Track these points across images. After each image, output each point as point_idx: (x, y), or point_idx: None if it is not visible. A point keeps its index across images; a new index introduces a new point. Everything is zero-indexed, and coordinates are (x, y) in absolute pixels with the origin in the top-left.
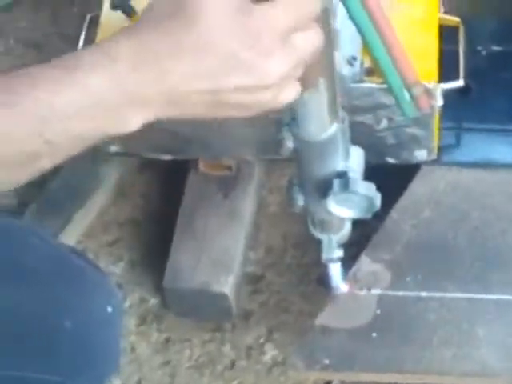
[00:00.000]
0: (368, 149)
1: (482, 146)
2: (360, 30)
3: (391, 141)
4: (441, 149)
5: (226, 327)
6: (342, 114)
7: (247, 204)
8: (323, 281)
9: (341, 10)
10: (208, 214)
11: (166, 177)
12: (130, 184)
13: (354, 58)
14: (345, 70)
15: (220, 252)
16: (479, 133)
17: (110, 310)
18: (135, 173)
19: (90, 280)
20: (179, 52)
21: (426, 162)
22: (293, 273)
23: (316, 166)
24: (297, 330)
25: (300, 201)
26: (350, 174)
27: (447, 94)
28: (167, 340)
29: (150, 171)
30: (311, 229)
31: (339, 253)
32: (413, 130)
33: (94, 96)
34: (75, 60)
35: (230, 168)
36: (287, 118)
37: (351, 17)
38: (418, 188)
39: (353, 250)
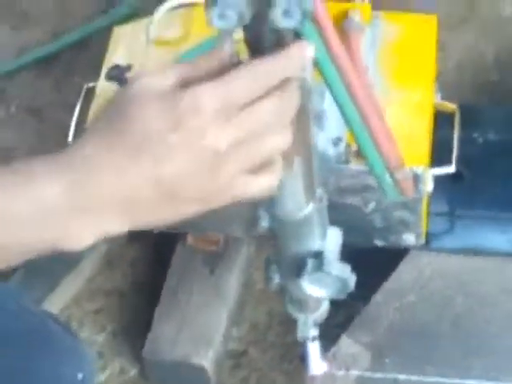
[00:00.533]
0: (356, 231)
1: (472, 233)
2: (342, 111)
3: (379, 223)
4: (430, 234)
5: None
6: (319, 193)
7: (232, 281)
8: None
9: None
10: (192, 288)
11: (154, 248)
12: (118, 253)
13: (339, 139)
14: (329, 151)
15: (202, 326)
16: (470, 220)
17: (80, 376)
18: (124, 243)
19: (62, 346)
20: (116, 159)
21: (414, 247)
22: (276, 350)
23: (291, 245)
24: None
25: (276, 279)
26: (325, 254)
27: (440, 180)
28: None
29: (138, 242)
30: (288, 307)
31: (314, 332)
32: (401, 214)
33: (44, 206)
34: (30, 167)
35: (217, 243)
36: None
37: (333, 97)
38: (404, 272)
39: (337, 330)
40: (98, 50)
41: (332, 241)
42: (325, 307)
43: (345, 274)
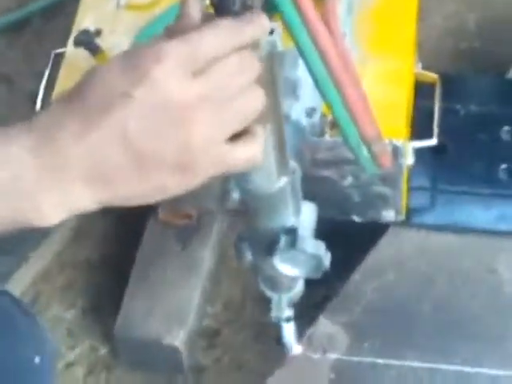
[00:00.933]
0: (333, 205)
1: (454, 209)
2: (314, 79)
3: (357, 198)
4: (410, 209)
5: (177, 381)
6: (292, 165)
7: (206, 257)
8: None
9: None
10: (165, 264)
11: (124, 221)
12: (88, 226)
13: (314, 109)
14: (303, 121)
15: (174, 304)
16: (452, 195)
17: (37, 360)
18: (94, 215)
19: (18, 328)
20: (77, 121)
21: (394, 223)
22: (250, 330)
23: (263, 221)
24: None
25: (248, 256)
26: (299, 231)
27: (421, 153)
28: None
29: (108, 215)
30: (261, 286)
31: (289, 312)
32: (380, 189)
33: (9, 176)
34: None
35: (190, 217)
36: None
37: (306, 65)
38: (383, 249)
39: (313, 310)
40: (71, 16)
41: (306, 216)
42: (300, 286)
43: (319, 251)
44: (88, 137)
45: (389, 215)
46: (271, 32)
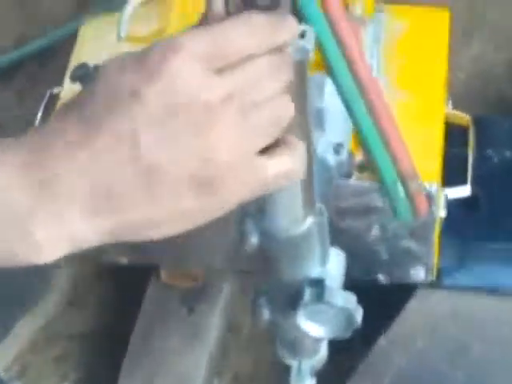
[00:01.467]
0: (356, 262)
1: (488, 268)
2: (347, 106)
3: (383, 254)
4: (441, 269)
5: None
6: (319, 206)
7: (214, 322)
8: None
9: (329, 86)
10: (168, 330)
11: (124, 287)
12: (83, 292)
13: (341, 145)
14: (330, 158)
15: (178, 375)
16: (486, 253)
17: None
18: (90, 280)
19: None
20: (72, 131)
21: (422, 284)
22: None
23: (285, 270)
24: None
25: (266, 314)
26: (327, 282)
27: (451, 207)
28: None
29: (107, 279)
30: (279, 350)
31: (311, 382)
32: (409, 243)
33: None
34: None
35: (196, 279)
36: (252, 207)
37: (339, 91)
38: (412, 312)
39: (337, 381)
40: (66, 58)
41: (334, 266)
42: (323, 351)
43: (350, 304)
44: (87, 147)
45: (418, 274)
46: (302, 35)
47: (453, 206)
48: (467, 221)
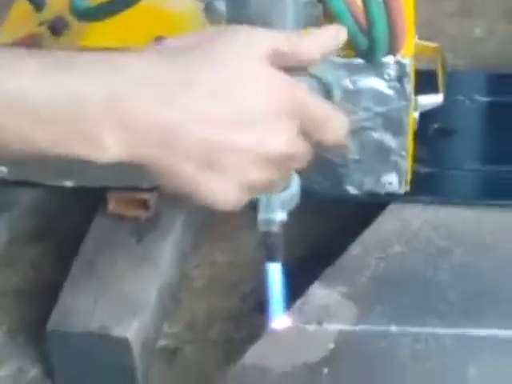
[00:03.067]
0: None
1: (461, 185)
2: None
3: (354, 154)
4: (413, 185)
5: None
6: None
7: (166, 252)
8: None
9: None
10: (115, 255)
11: (60, 249)
12: (15, 253)
13: None
14: None
15: (126, 295)
16: (460, 172)
17: None
18: (23, 241)
19: None
20: (195, 88)
21: (395, 197)
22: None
23: None
24: None
25: None
26: None
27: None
28: None
29: (40, 241)
30: None
31: (282, 215)
32: (382, 136)
33: (77, 105)
34: (70, 59)
35: (147, 206)
36: None
37: None
38: (385, 223)
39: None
40: None
41: None
42: (295, 187)
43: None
44: (168, 109)
45: (390, 183)
46: None
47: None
48: (441, 146)
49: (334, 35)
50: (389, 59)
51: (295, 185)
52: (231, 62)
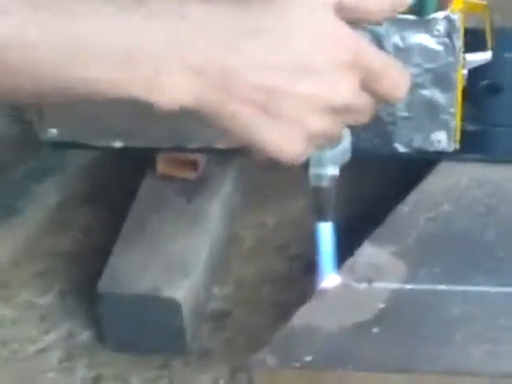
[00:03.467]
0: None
1: (506, 143)
2: None
3: (401, 110)
4: (463, 144)
5: (176, 364)
6: None
7: (214, 212)
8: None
9: None
10: (165, 217)
11: (112, 212)
12: (67, 214)
13: None
14: None
15: (175, 257)
16: (504, 130)
17: None
18: (75, 202)
19: None
20: (257, 35)
21: (445, 155)
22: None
23: None
24: None
25: None
26: None
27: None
28: (97, 378)
29: (93, 203)
30: None
31: (333, 170)
32: (431, 93)
33: (140, 39)
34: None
35: (195, 167)
36: None
37: None
38: (434, 183)
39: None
40: None
41: None
42: (347, 142)
43: None
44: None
45: (440, 141)
46: None
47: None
48: (489, 104)
49: None
50: (438, 15)
51: (347, 140)
52: (295, 10)
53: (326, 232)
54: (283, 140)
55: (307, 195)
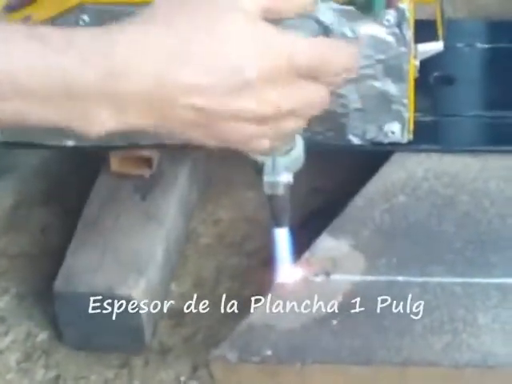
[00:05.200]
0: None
1: (460, 133)
2: None
3: (354, 102)
4: (416, 134)
5: (136, 362)
6: None
7: (170, 209)
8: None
9: None
10: (119, 214)
11: (68, 212)
12: (24, 216)
13: None
14: None
15: (131, 254)
16: (461, 119)
17: None
18: (32, 201)
19: None
20: (184, 61)
21: (398, 146)
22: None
23: None
24: None
25: None
26: None
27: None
28: (57, 378)
29: (50, 200)
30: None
31: (287, 178)
32: (383, 85)
33: (71, 82)
34: (71, 39)
35: (149, 163)
36: None
37: None
38: (389, 173)
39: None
40: None
41: None
42: (299, 149)
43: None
44: (166, 79)
45: (393, 132)
46: None
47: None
48: (442, 94)
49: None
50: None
51: (300, 146)
52: (219, 26)
53: (282, 237)
54: (235, 143)
55: (262, 192)
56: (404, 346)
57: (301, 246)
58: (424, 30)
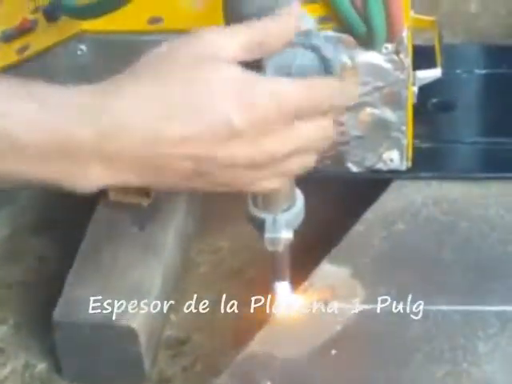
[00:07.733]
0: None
1: (459, 160)
2: None
3: (352, 129)
4: (415, 162)
5: None
6: None
7: (168, 239)
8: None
9: None
10: (118, 246)
11: (64, 240)
12: (21, 245)
13: None
14: None
15: (130, 284)
16: (461, 146)
17: None
18: (28, 233)
19: None
20: (172, 113)
21: (397, 173)
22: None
23: None
24: None
25: None
26: None
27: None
28: None
29: (47, 230)
30: (250, 207)
31: (288, 234)
32: (382, 112)
33: (64, 145)
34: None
35: (147, 193)
36: None
37: None
38: (388, 201)
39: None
40: None
41: None
42: (299, 206)
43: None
44: (160, 140)
45: (392, 160)
46: None
47: (426, 109)
48: (441, 121)
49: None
50: None
51: (300, 202)
52: (200, 78)
53: (283, 290)
54: (239, 187)
55: None
56: (404, 376)
57: (300, 272)
58: (422, 56)
